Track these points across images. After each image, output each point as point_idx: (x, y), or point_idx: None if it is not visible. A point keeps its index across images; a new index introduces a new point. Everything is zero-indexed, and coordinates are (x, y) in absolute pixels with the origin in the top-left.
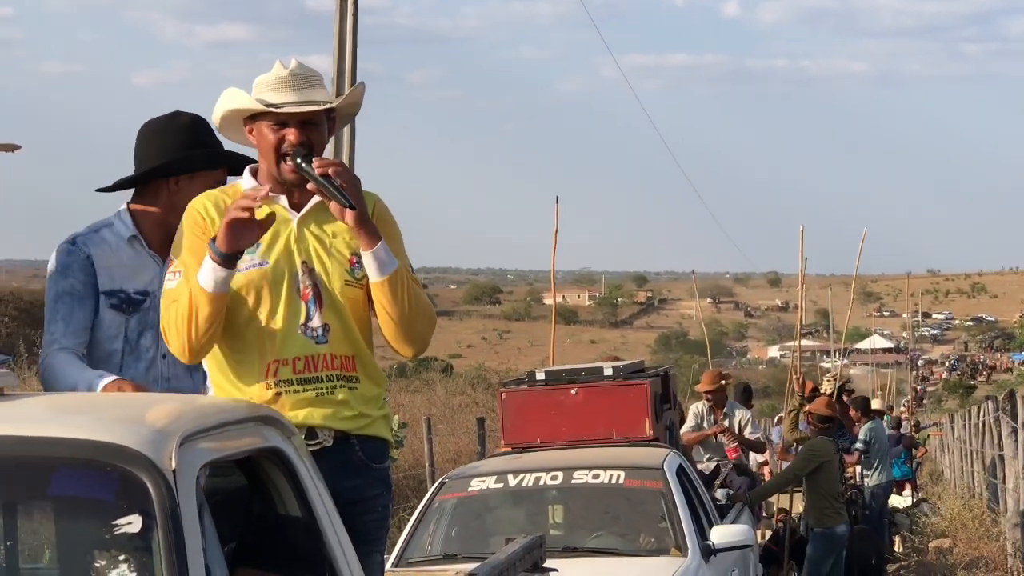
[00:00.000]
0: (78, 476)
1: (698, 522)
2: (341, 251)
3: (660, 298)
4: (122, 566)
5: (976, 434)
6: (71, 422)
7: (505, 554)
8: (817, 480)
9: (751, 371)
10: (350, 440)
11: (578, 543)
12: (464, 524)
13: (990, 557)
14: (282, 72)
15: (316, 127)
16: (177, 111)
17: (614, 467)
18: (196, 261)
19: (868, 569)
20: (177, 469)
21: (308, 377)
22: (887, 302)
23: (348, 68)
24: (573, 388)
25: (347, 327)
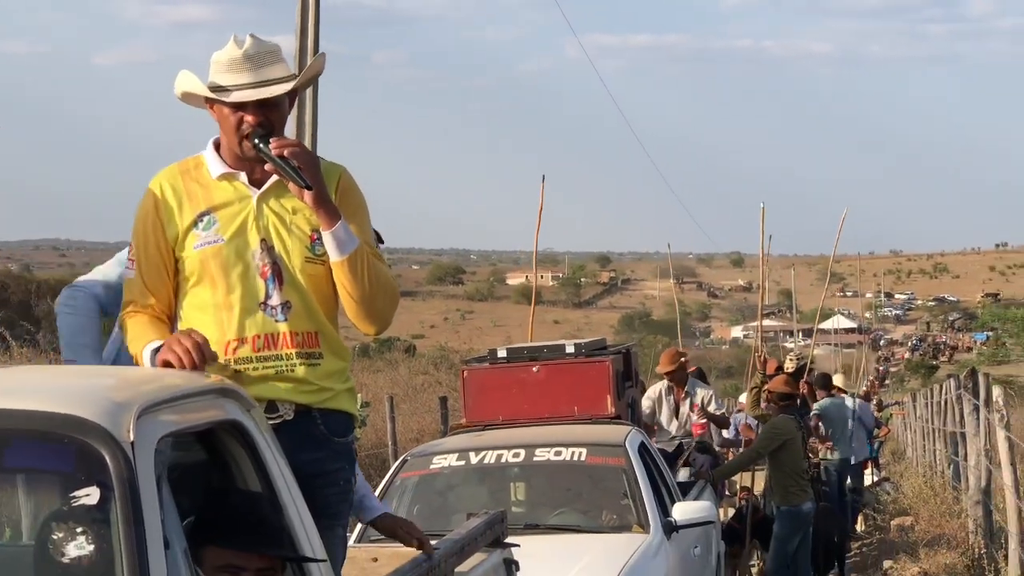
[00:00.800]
0: (35, 448)
1: (660, 499)
2: (301, 228)
3: (623, 278)
4: (80, 538)
5: (938, 412)
6: (28, 394)
7: (467, 529)
8: (781, 458)
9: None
10: (312, 413)
11: (540, 520)
12: (426, 501)
13: (951, 534)
14: (236, 52)
15: (275, 107)
16: None
17: (576, 444)
18: (146, 252)
19: (831, 547)
20: (135, 441)
21: (267, 355)
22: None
23: (311, 47)
24: (535, 366)
25: (308, 304)
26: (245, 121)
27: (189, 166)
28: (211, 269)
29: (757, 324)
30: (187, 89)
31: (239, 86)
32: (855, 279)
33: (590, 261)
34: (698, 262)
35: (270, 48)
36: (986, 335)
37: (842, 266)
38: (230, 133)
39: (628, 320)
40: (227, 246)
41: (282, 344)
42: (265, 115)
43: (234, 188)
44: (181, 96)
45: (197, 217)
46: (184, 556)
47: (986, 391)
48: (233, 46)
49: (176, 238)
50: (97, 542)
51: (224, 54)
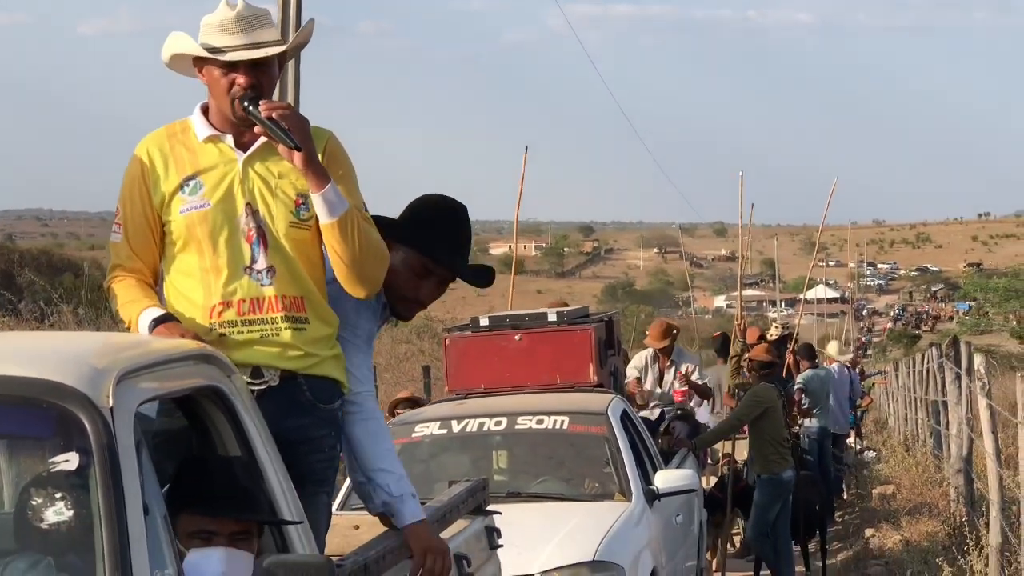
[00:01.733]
0: (14, 413)
1: (642, 467)
2: (287, 192)
3: (607, 248)
4: (59, 503)
5: (920, 381)
6: (6, 359)
7: (448, 497)
8: (762, 426)
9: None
10: (297, 379)
11: (522, 488)
12: (408, 469)
13: (933, 502)
14: (229, 14)
15: (266, 69)
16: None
17: (558, 412)
18: (133, 214)
19: (811, 515)
20: (114, 406)
21: (252, 319)
22: (832, 252)
23: (292, 15)
24: (517, 334)
25: (294, 268)
26: (236, 83)
27: (176, 130)
28: (197, 233)
29: (739, 295)
30: (179, 50)
31: (232, 47)
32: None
33: (573, 231)
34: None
35: (260, 12)
36: (968, 305)
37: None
38: (220, 95)
39: (611, 290)
40: (213, 210)
41: (268, 308)
42: (256, 77)
43: (219, 151)
44: (169, 60)
45: (183, 181)
46: (164, 522)
47: (968, 360)
48: (226, 7)
49: (162, 202)
50: (76, 508)
51: (216, 16)
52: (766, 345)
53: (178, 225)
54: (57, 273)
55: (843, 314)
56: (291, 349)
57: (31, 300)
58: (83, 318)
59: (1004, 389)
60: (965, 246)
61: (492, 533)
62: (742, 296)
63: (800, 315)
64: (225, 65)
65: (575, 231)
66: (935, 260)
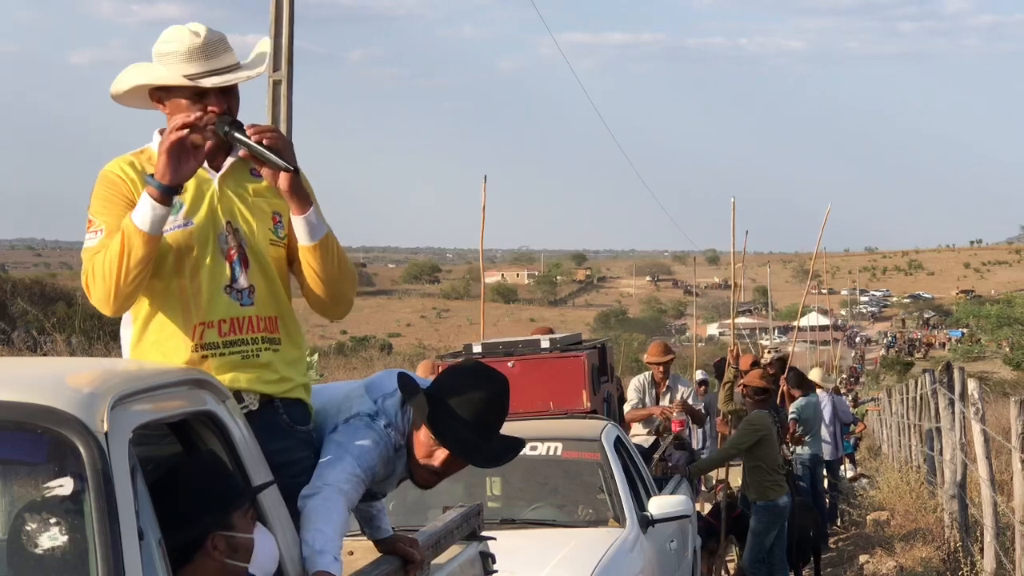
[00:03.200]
0: (8, 439)
1: (636, 493)
2: (264, 210)
3: (599, 276)
4: (53, 529)
5: (914, 407)
6: (2, 386)
7: (443, 522)
8: (757, 453)
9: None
10: (274, 403)
11: (516, 515)
12: (402, 497)
13: (927, 528)
14: (195, 41)
15: (232, 93)
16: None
17: (552, 439)
18: (115, 219)
19: (805, 541)
20: (109, 431)
21: (234, 340)
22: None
23: (284, 46)
24: (510, 361)
25: (273, 288)
26: (208, 109)
27: (141, 157)
28: (180, 252)
29: (732, 322)
30: (145, 80)
31: (202, 74)
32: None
33: (566, 259)
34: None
35: (221, 36)
36: (961, 332)
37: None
38: None
39: (604, 318)
40: (196, 229)
41: (247, 328)
42: (227, 102)
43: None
44: (123, 93)
45: None
46: (159, 547)
47: (961, 385)
48: (191, 36)
49: None
50: (71, 533)
51: (181, 43)
52: (760, 371)
53: (162, 244)
54: (50, 303)
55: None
56: (269, 372)
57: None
58: (76, 347)
59: (997, 415)
60: (957, 273)
61: (487, 559)
62: (735, 324)
63: (794, 342)
64: (194, 92)
65: (568, 259)
66: (927, 287)
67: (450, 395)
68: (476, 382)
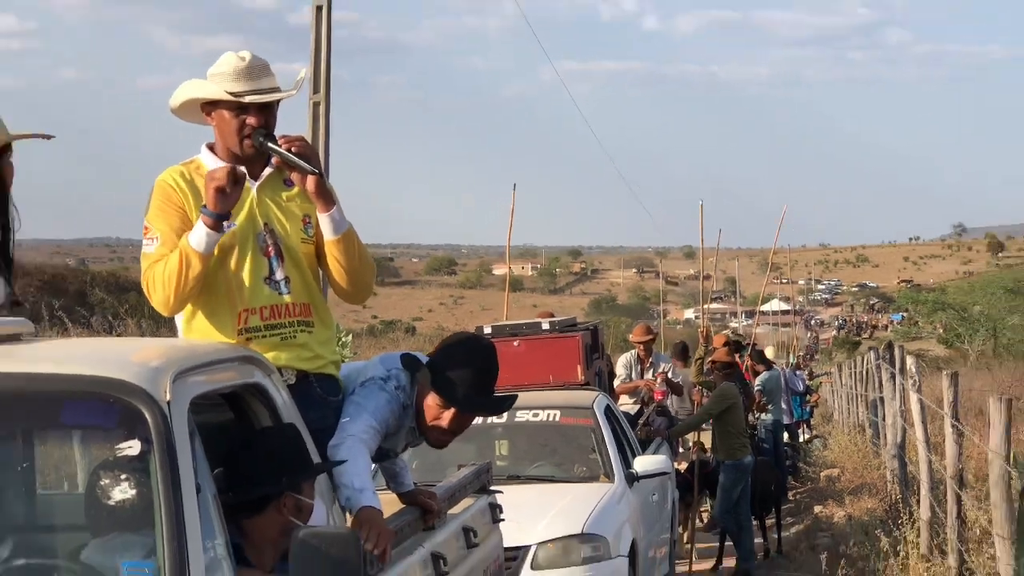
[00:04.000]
0: (86, 407)
1: (623, 454)
2: (295, 213)
3: (592, 269)
4: (123, 484)
5: (861, 380)
6: (80, 361)
7: (457, 478)
8: (726, 419)
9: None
10: (309, 378)
11: (520, 472)
12: (423, 456)
13: (872, 483)
14: (240, 64)
15: (272, 110)
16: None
17: (551, 407)
18: (169, 227)
19: (768, 495)
20: (171, 400)
21: (274, 324)
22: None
23: (323, 73)
24: (516, 340)
25: (305, 279)
26: (247, 123)
27: (190, 167)
28: (225, 250)
29: (704, 306)
30: (198, 95)
31: (246, 92)
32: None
33: (563, 254)
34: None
35: (265, 63)
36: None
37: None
38: (231, 134)
39: (596, 304)
40: (238, 230)
41: (285, 314)
42: (264, 117)
43: (244, 171)
44: (179, 106)
45: (205, 207)
46: (214, 500)
47: (901, 361)
48: (237, 59)
49: (191, 225)
50: (138, 488)
51: (229, 66)
52: (726, 350)
53: None
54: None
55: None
56: (304, 351)
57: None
58: (145, 330)
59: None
60: (898, 265)
61: (495, 509)
62: (707, 309)
63: (756, 325)
64: (237, 108)
65: (565, 254)
66: (873, 277)
67: (449, 362)
68: (468, 350)
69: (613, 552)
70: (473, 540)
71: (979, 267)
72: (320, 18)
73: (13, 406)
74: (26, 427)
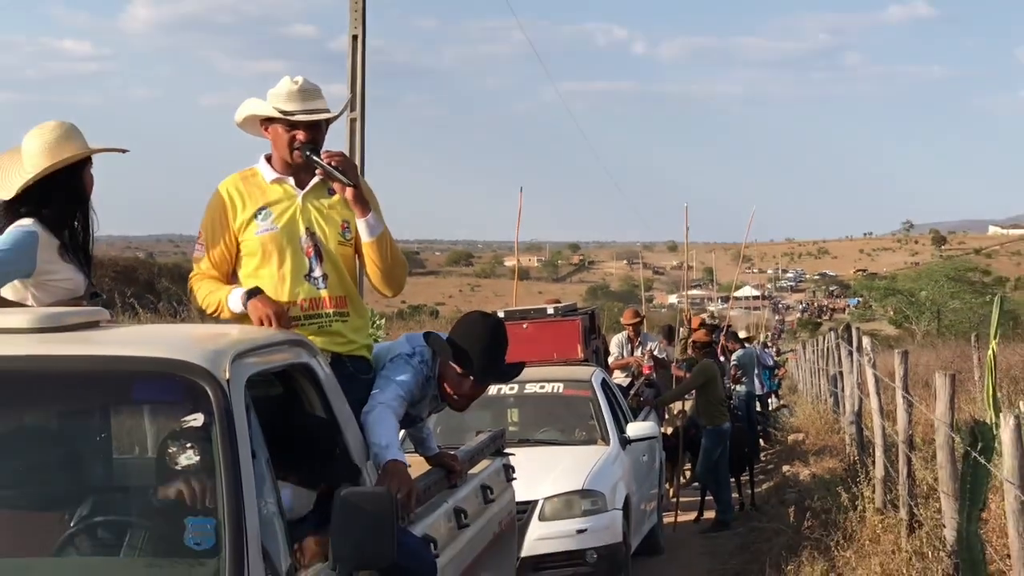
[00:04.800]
0: (156, 385)
1: (617, 421)
2: (335, 219)
3: (589, 261)
4: (189, 451)
5: (822, 356)
6: (151, 344)
7: (476, 442)
8: (707, 390)
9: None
10: (343, 359)
11: (529, 436)
12: (446, 423)
13: (833, 446)
14: (293, 87)
15: (319, 128)
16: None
17: (555, 380)
18: (214, 240)
19: (742, 456)
20: (230, 379)
21: (312, 314)
22: (755, 262)
23: (359, 92)
24: (524, 323)
25: (341, 275)
26: (297, 138)
27: (247, 174)
28: (269, 249)
29: (684, 293)
30: (254, 112)
31: (296, 111)
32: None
33: (565, 248)
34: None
35: (316, 87)
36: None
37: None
38: (283, 147)
39: (593, 291)
40: (281, 232)
41: (323, 306)
42: (312, 134)
43: (283, 189)
44: (242, 120)
45: (256, 211)
46: (267, 465)
47: (858, 340)
48: (290, 83)
49: (240, 227)
50: (202, 455)
51: (284, 88)
52: (705, 331)
53: (254, 244)
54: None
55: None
56: (338, 337)
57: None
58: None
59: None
60: (854, 257)
61: (508, 469)
62: (688, 295)
63: (731, 308)
64: (289, 125)
65: (566, 248)
66: (832, 267)
67: (466, 338)
68: (481, 327)
69: (609, 505)
70: (490, 496)
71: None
72: (356, 46)
73: (92, 384)
74: (103, 402)
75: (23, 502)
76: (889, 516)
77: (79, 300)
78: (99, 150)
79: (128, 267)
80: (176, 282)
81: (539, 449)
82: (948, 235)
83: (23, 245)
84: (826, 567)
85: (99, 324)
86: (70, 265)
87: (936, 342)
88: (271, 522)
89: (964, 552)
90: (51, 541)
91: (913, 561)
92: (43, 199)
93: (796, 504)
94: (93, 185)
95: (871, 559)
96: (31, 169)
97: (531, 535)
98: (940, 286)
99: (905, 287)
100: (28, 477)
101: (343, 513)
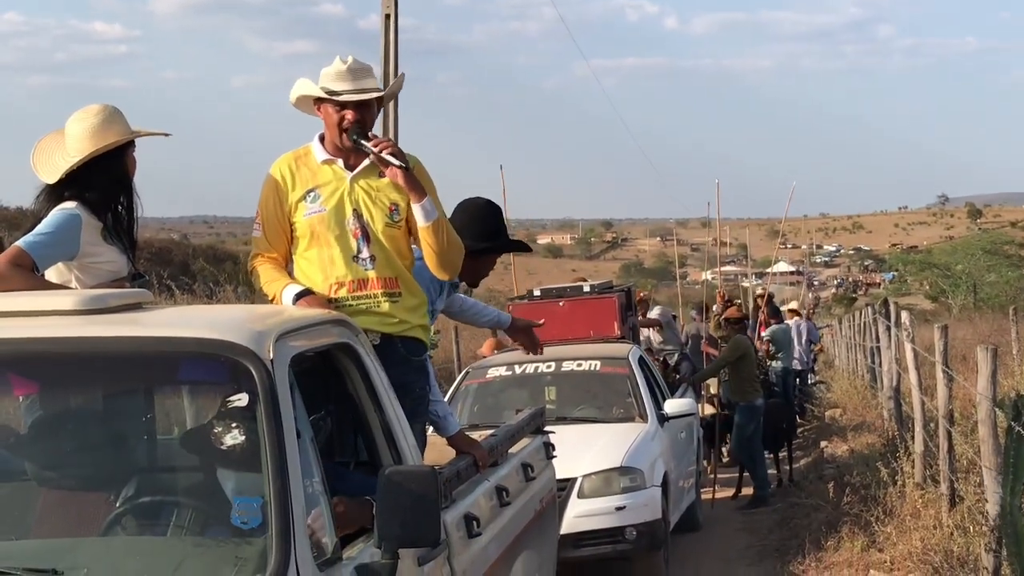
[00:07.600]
0: (201, 365)
1: (655, 397)
2: (383, 201)
3: (622, 238)
4: (234, 430)
5: (859, 332)
6: (196, 325)
7: (516, 421)
8: (739, 366)
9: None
10: (393, 340)
11: (567, 414)
12: (483, 402)
13: (871, 422)
14: (342, 67)
15: (368, 108)
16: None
17: (592, 358)
18: (270, 219)
19: (780, 432)
20: (274, 359)
21: (360, 295)
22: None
23: (391, 71)
24: (561, 301)
25: (389, 256)
26: (346, 119)
27: (300, 153)
28: (318, 231)
29: (717, 269)
30: (305, 92)
31: (345, 91)
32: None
33: (598, 225)
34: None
35: (366, 66)
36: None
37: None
38: (333, 128)
39: (627, 268)
40: (329, 214)
41: (371, 286)
42: (361, 113)
43: (333, 171)
44: (296, 100)
45: (306, 192)
46: (311, 444)
47: (896, 315)
48: (340, 62)
49: (291, 208)
50: (247, 434)
51: (333, 67)
52: (735, 307)
53: (303, 225)
54: (220, 262)
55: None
56: (389, 317)
57: (202, 282)
58: (241, 295)
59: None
60: (889, 231)
61: (548, 447)
62: (721, 271)
63: (767, 284)
64: (339, 104)
65: (599, 225)
66: (867, 242)
67: (470, 225)
68: (475, 208)
69: (648, 483)
70: (531, 474)
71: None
72: (388, 25)
73: (137, 365)
74: (148, 383)
75: (70, 482)
76: (929, 491)
77: (122, 282)
78: (143, 133)
79: (163, 248)
80: (211, 263)
81: (577, 427)
82: (984, 208)
83: (66, 228)
84: (866, 542)
85: (142, 306)
86: (113, 247)
87: (973, 316)
88: (316, 500)
89: (1008, 526)
90: (98, 521)
91: (955, 536)
92: (86, 182)
93: (835, 480)
94: (136, 168)
95: (912, 534)
96: (75, 153)
97: (570, 512)
98: (976, 259)
99: (941, 261)
100: (75, 458)
101: (388, 491)
